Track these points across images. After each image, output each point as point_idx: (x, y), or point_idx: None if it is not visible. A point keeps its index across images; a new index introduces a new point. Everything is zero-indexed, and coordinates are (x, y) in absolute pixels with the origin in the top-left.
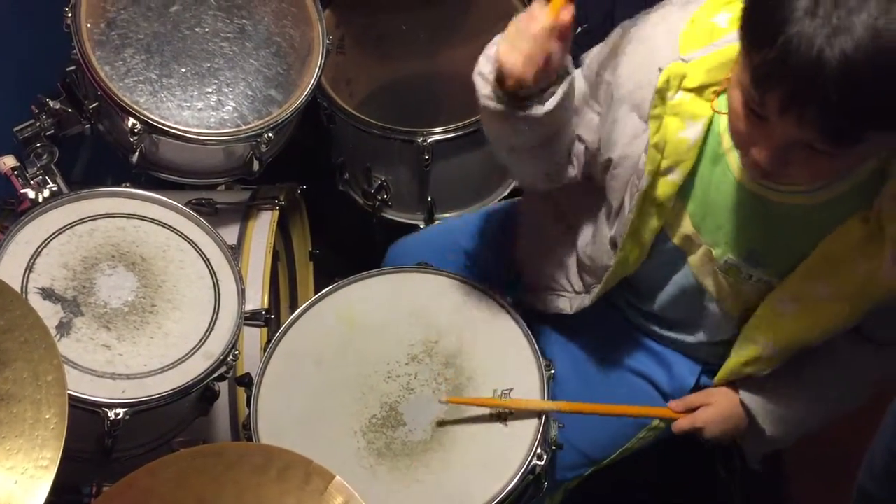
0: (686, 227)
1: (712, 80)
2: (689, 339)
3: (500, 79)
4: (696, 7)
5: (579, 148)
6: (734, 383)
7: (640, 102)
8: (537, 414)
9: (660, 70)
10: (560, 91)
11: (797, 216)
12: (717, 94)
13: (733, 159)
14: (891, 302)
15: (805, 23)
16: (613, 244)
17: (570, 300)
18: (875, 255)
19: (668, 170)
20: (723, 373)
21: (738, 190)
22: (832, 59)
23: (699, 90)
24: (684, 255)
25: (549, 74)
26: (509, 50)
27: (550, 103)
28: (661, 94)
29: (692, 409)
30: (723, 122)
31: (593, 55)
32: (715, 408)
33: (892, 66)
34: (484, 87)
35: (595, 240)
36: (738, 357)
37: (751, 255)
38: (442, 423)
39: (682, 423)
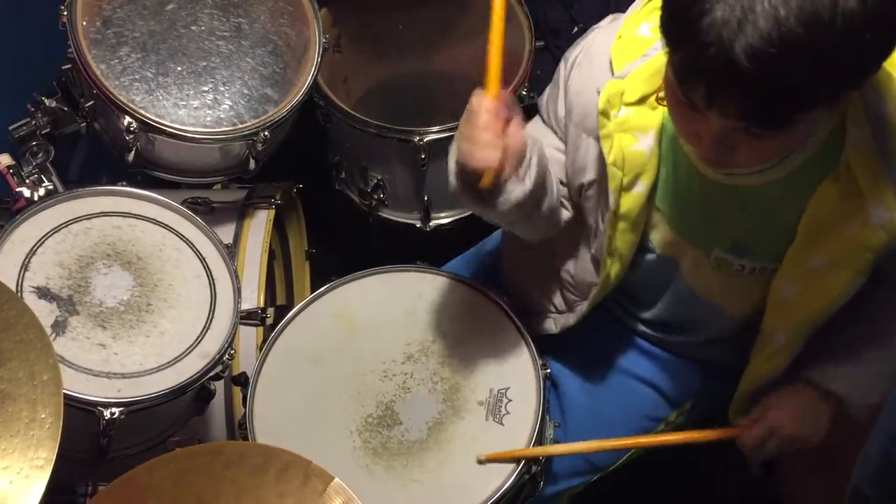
0: (665, 233)
1: (651, 89)
2: (691, 340)
3: (471, 180)
4: (620, 25)
5: (563, 190)
6: (783, 385)
7: (592, 127)
8: (532, 416)
9: (598, 91)
10: (533, 167)
11: (771, 194)
12: (659, 100)
13: (693, 156)
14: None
15: (714, 18)
16: (595, 262)
17: (554, 320)
18: (857, 211)
19: (632, 184)
20: (746, 382)
21: (705, 184)
22: (740, 53)
23: (640, 101)
24: (675, 262)
25: (519, 156)
26: (468, 150)
27: (528, 183)
28: (605, 114)
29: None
30: (670, 128)
31: (545, 98)
32: (785, 409)
33: (799, 51)
34: (456, 182)
35: (577, 260)
36: (758, 358)
37: (736, 246)
38: (438, 423)
39: (755, 431)
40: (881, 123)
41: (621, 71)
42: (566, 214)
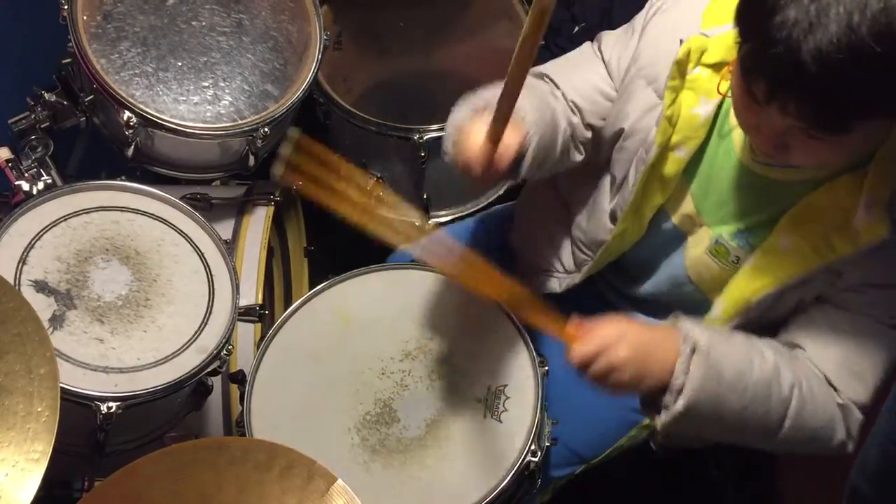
0: (687, 206)
1: (731, 58)
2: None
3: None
4: None
5: (583, 133)
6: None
7: (657, 76)
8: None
9: (681, 42)
10: (529, 156)
11: (797, 191)
12: (730, 73)
13: (737, 138)
14: (838, 267)
15: (786, 16)
16: (613, 218)
17: (559, 280)
18: (851, 207)
19: (678, 145)
20: None
21: (739, 169)
22: (807, 54)
23: (717, 67)
24: (683, 237)
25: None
26: (461, 150)
27: (525, 170)
28: (680, 66)
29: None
30: (730, 102)
31: (613, 38)
32: (632, 329)
33: (868, 60)
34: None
35: (592, 214)
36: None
37: (743, 234)
38: (436, 420)
39: (587, 345)
40: None
41: (710, 30)
42: (577, 158)
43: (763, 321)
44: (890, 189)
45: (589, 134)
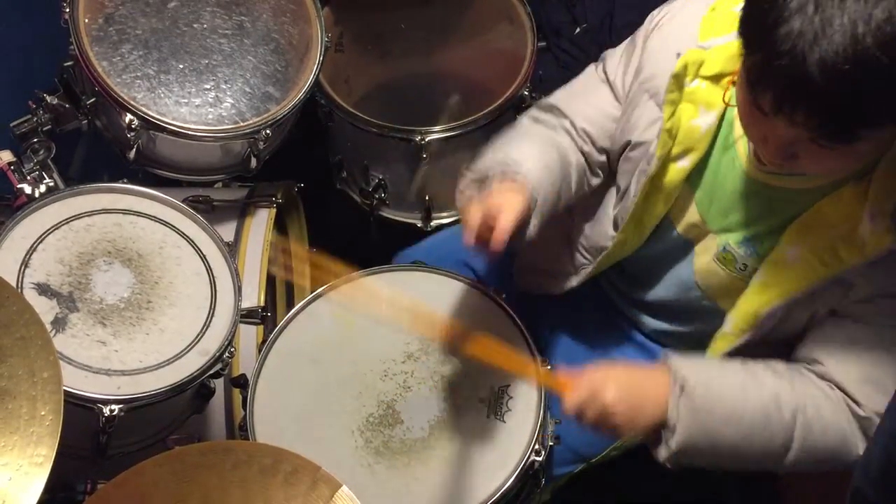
0: (692, 215)
1: (730, 70)
2: (677, 329)
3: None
4: None
5: (599, 158)
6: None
7: (658, 89)
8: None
9: (678, 55)
10: (534, 219)
11: (803, 199)
12: (732, 83)
13: (742, 148)
14: (844, 277)
15: (791, 28)
16: (615, 225)
17: (558, 282)
18: (856, 217)
19: (679, 156)
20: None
21: (744, 178)
22: (813, 65)
23: (716, 78)
24: (690, 245)
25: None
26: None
27: (532, 232)
28: (677, 80)
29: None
30: (735, 111)
31: (616, 55)
32: (618, 373)
33: (873, 69)
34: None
35: (596, 220)
36: (712, 340)
37: (749, 241)
38: (440, 421)
39: (577, 392)
40: None
41: (706, 42)
42: (595, 181)
43: (777, 336)
44: (893, 199)
45: (603, 157)
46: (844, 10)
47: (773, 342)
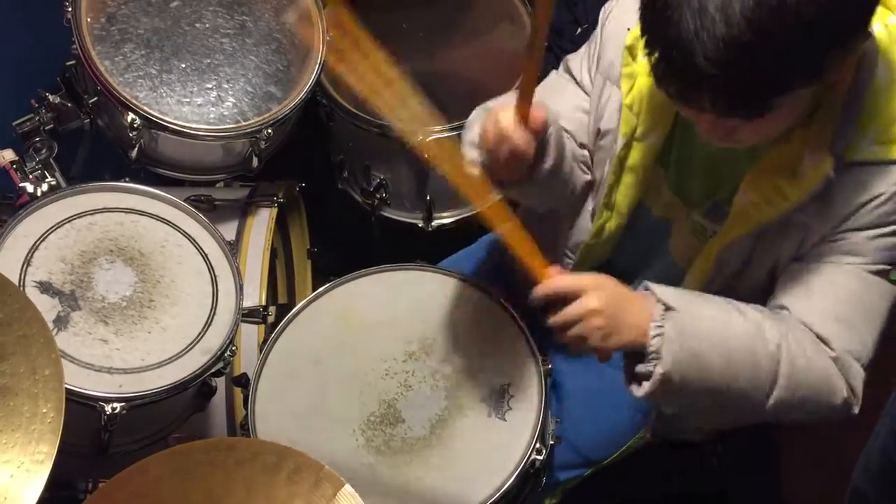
0: (665, 195)
1: None
2: None
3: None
4: None
5: (581, 153)
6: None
7: (617, 74)
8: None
9: (628, 30)
10: (551, 151)
11: (761, 153)
12: None
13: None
14: (787, 223)
15: (676, 27)
16: (593, 217)
17: None
18: (801, 156)
19: (645, 135)
20: None
21: (706, 148)
22: (701, 58)
23: None
24: (669, 226)
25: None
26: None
27: (549, 156)
28: (630, 51)
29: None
30: None
31: (579, 55)
32: (607, 287)
33: (755, 47)
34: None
35: (576, 217)
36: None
37: (717, 207)
38: (441, 420)
39: (567, 284)
40: (860, 87)
41: None
42: (584, 178)
43: (744, 287)
44: (831, 131)
45: (585, 153)
46: None
47: (745, 297)
